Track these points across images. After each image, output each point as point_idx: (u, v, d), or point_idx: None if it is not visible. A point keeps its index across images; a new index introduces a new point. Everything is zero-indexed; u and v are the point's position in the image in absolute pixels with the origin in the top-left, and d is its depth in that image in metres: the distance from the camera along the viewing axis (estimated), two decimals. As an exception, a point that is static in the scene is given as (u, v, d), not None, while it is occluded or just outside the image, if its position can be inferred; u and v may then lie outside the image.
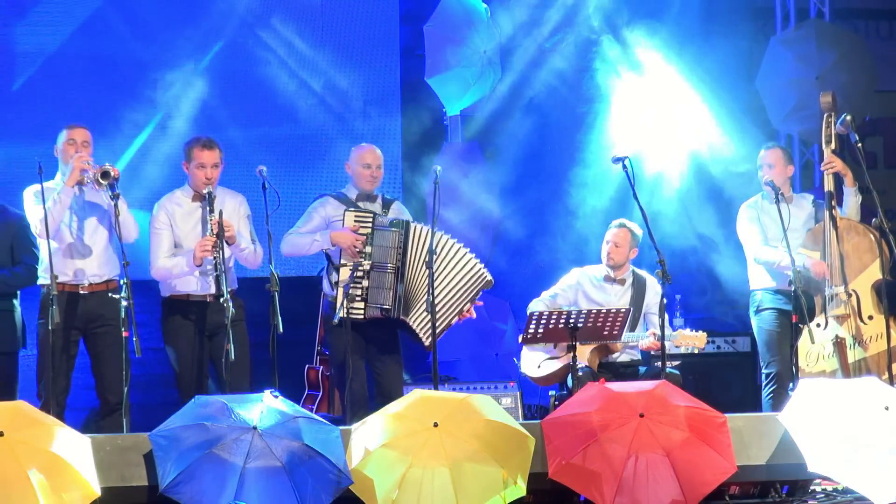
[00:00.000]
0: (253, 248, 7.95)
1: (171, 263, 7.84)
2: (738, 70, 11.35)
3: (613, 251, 8.64)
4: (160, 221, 7.90)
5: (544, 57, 11.22)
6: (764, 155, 8.67)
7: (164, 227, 7.88)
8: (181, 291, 7.88)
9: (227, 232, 7.65)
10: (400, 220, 8.09)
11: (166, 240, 7.87)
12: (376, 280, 7.97)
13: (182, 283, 7.84)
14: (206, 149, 7.87)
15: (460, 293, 8.09)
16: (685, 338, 8.43)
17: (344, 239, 7.97)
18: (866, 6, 12.32)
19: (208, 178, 7.80)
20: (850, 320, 8.33)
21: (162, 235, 7.88)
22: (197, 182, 7.86)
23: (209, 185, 7.78)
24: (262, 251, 7.93)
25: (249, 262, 7.98)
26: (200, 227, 7.85)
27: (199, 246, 7.68)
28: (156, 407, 8.06)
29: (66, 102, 10.36)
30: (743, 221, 8.71)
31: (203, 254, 7.65)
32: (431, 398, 6.92)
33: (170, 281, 7.91)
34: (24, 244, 8.03)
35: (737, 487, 7.21)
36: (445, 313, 8.07)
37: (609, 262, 8.66)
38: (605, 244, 8.70)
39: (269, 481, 6.39)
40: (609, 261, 8.66)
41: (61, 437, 6.37)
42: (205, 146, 7.88)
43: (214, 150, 7.88)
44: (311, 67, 11.05)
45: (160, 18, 10.72)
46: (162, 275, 7.90)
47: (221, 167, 7.92)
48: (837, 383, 7.57)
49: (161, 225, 7.89)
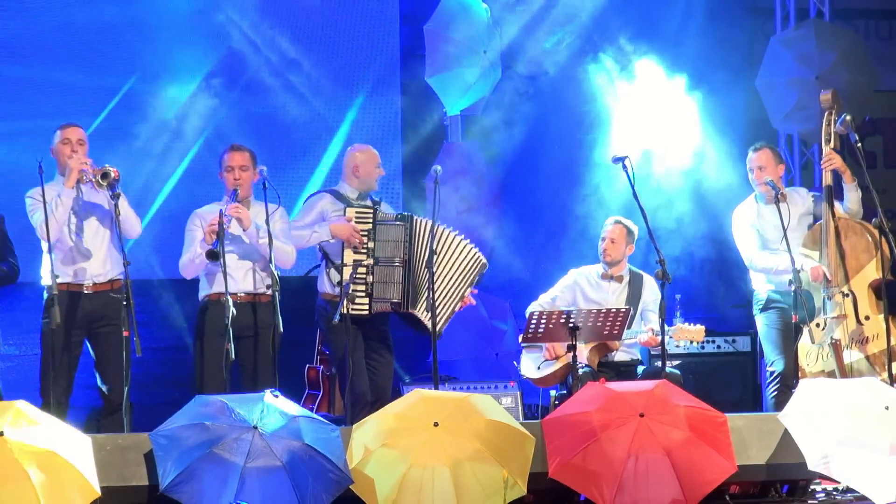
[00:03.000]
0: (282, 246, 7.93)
1: (189, 255, 7.94)
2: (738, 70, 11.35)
3: (609, 247, 8.65)
4: (193, 224, 8.02)
5: (544, 57, 11.22)
6: (753, 157, 8.61)
7: (196, 228, 7.97)
8: (214, 291, 7.92)
9: (238, 212, 7.77)
10: (404, 214, 8.19)
11: (197, 239, 7.93)
12: (383, 275, 8.02)
13: (217, 283, 7.84)
14: (233, 150, 8.04)
15: (461, 280, 8.22)
16: (683, 331, 8.42)
17: (344, 230, 8.02)
18: (866, 6, 12.32)
19: (236, 179, 7.94)
20: (847, 321, 8.32)
21: (195, 234, 7.96)
22: (228, 187, 7.98)
23: (237, 185, 7.91)
24: (293, 249, 8.02)
25: (281, 257, 7.97)
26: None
27: (208, 226, 7.75)
28: (156, 407, 8.06)
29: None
30: (738, 227, 8.66)
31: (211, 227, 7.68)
32: (431, 398, 6.92)
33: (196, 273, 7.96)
34: (5, 243, 8.03)
35: (737, 487, 7.21)
36: (449, 301, 8.18)
37: (606, 258, 8.67)
38: (601, 241, 8.72)
39: (269, 481, 6.39)
40: (606, 257, 8.66)
41: (61, 437, 6.37)
42: (233, 149, 8.06)
43: (240, 153, 8.02)
44: (311, 67, 11.05)
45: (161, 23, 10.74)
46: (187, 268, 7.99)
47: (251, 171, 8.01)
48: (837, 383, 7.57)
49: (194, 227, 8.00)
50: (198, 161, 10.59)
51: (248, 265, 7.95)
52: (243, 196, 7.95)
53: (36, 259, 7.86)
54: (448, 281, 8.17)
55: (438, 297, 8.01)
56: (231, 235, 7.85)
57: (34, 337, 8.14)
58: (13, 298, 8.36)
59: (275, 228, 7.83)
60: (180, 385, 8.97)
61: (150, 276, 8.17)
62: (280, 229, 7.97)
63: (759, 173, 8.55)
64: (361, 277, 7.99)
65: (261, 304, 7.91)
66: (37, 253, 7.83)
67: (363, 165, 8.27)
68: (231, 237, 7.85)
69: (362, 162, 8.28)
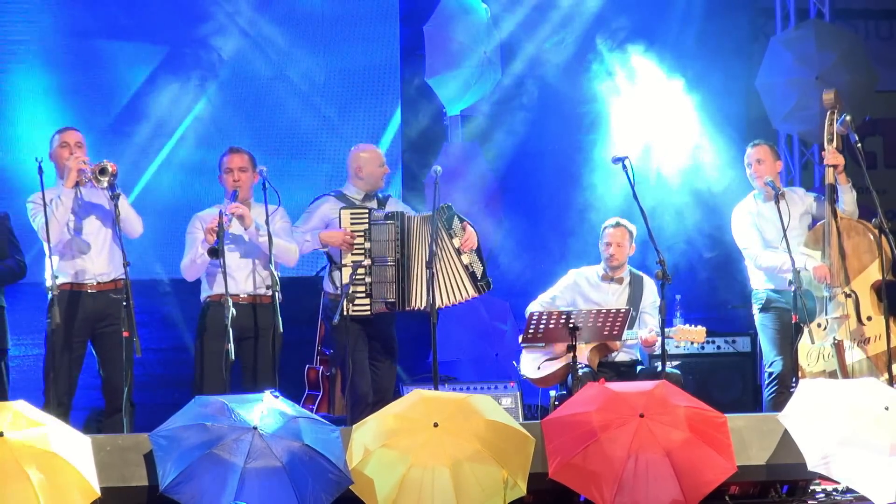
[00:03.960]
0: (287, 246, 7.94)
1: (190, 256, 7.94)
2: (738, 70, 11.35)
3: (617, 251, 8.59)
4: (194, 227, 8.01)
5: (544, 57, 11.22)
6: (751, 152, 8.60)
7: (196, 230, 7.97)
8: (215, 292, 7.91)
9: (238, 210, 7.77)
10: (395, 213, 8.12)
11: (196, 242, 7.93)
12: (378, 274, 8.02)
13: (218, 284, 7.84)
14: (232, 152, 8.04)
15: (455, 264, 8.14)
16: (683, 332, 8.42)
17: (334, 238, 8.03)
18: (866, 6, 12.32)
19: (235, 181, 7.94)
20: (848, 321, 8.32)
21: (190, 239, 7.97)
22: (227, 189, 7.98)
23: (237, 187, 7.92)
24: (296, 247, 8.01)
25: (283, 255, 7.97)
26: None
27: (208, 226, 7.74)
28: (156, 407, 8.08)
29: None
30: (739, 226, 8.65)
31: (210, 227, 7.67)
32: (431, 398, 6.92)
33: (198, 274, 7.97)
34: (11, 240, 8.03)
35: (737, 487, 7.21)
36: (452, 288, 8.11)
37: (613, 262, 8.61)
38: (604, 245, 8.64)
39: (269, 481, 6.39)
40: (613, 261, 8.61)
41: (61, 437, 6.37)
42: (231, 151, 8.05)
43: (238, 155, 8.02)
44: (311, 68, 11.05)
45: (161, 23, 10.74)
46: (189, 270, 7.99)
47: (250, 173, 8.00)
48: (837, 383, 7.57)
49: (194, 229, 8.00)
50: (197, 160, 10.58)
51: (248, 266, 7.95)
52: (243, 198, 7.95)
53: (39, 259, 7.87)
54: (447, 268, 8.08)
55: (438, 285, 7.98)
56: (232, 235, 7.85)
57: (35, 337, 8.16)
58: (14, 298, 8.35)
59: (275, 227, 7.83)
60: (181, 386, 8.98)
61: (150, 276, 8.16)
62: (281, 227, 7.98)
63: (758, 167, 8.54)
64: (360, 278, 7.99)
65: (261, 305, 7.91)
66: (40, 254, 7.84)
67: (366, 165, 8.27)
68: (232, 237, 7.86)
69: (365, 162, 8.28)
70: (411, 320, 8.88)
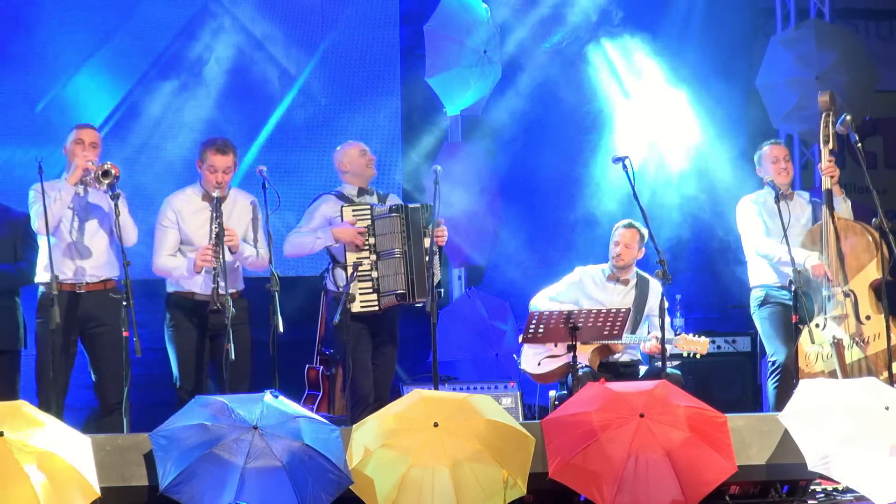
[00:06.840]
0: (255, 256, 7.93)
1: (172, 264, 7.85)
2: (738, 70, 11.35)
3: (624, 252, 8.59)
4: (167, 219, 7.90)
5: (545, 57, 11.22)
6: (775, 148, 8.68)
7: (170, 225, 7.88)
8: (186, 290, 7.88)
9: (231, 241, 7.68)
10: (399, 205, 8.14)
11: (171, 238, 7.87)
12: (386, 268, 8.02)
13: (188, 281, 7.84)
14: (219, 153, 7.86)
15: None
16: (687, 342, 8.43)
17: (346, 233, 8.01)
18: (866, 6, 12.32)
19: (219, 182, 7.81)
20: (847, 321, 8.33)
21: (167, 233, 7.88)
22: (208, 184, 7.86)
23: (219, 189, 7.79)
24: (266, 255, 7.86)
25: (255, 266, 7.99)
26: (208, 226, 7.81)
27: (200, 255, 7.67)
28: (156, 407, 8.06)
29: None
30: (744, 214, 8.66)
31: (203, 263, 7.65)
32: (431, 398, 6.92)
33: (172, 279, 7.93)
34: (28, 242, 8.03)
35: (737, 487, 7.21)
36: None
37: (619, 262, 8.61)
38: (614, 245, 8.64)
39: (269, 481, 6.39)
40: (620, 261, 8.61)
41: (61, 437, 6.37)
42: (218, 150, 7.87)
43: (227, 156, 7.87)
44: (311, 67, 11.05)
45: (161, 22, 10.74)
46: (162, 272, 7.93)
47: (234, 172, 7.94)
48: (837, 383, 7.57)
49: (168, 223, 7.89)
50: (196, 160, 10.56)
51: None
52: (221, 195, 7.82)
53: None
54: None
55: None
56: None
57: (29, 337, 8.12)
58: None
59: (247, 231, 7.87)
60: (181, 385, 8.95)
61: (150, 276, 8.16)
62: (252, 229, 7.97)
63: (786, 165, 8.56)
64: (366, 274, 7.99)
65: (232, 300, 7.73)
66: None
67: (345, 159, 8.27)
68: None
69: (344, 156, 8.28)
70: (412, 320, 8.88)
